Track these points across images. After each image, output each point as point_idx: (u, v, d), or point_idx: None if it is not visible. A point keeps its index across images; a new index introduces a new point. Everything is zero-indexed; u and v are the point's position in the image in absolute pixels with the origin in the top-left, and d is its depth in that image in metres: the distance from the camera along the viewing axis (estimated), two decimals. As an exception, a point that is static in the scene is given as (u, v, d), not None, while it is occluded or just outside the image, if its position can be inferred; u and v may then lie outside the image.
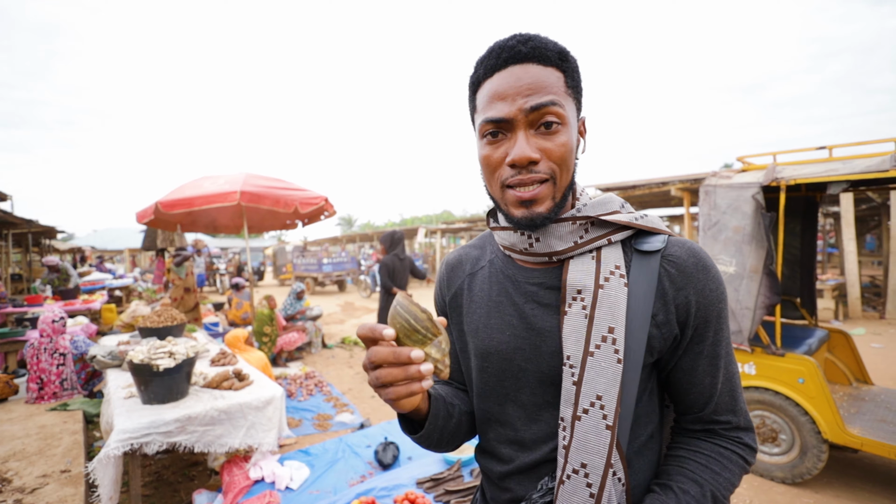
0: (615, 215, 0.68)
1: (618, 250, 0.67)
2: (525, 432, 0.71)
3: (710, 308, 0.65)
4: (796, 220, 3.54)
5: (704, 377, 0.68)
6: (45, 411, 3.35)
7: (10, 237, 10.43)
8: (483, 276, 0.78)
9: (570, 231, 0.67)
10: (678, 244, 0.67)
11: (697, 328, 0.66)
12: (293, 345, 5.90)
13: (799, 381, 2.74)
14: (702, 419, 0.71)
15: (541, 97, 0.60)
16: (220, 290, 17.01)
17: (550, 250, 0.68)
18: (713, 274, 0.66)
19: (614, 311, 0.63)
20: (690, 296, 0.65)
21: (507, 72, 0.62)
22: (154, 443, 2.20)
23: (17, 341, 4.95)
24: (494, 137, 0.64)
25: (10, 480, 2.35)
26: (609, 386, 0.61)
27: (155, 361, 2.39)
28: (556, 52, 0.63)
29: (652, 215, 0.70)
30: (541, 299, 0.69)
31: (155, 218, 5.15)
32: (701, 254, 0.67)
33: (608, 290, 0.64)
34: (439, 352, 0.56)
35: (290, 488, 2.46)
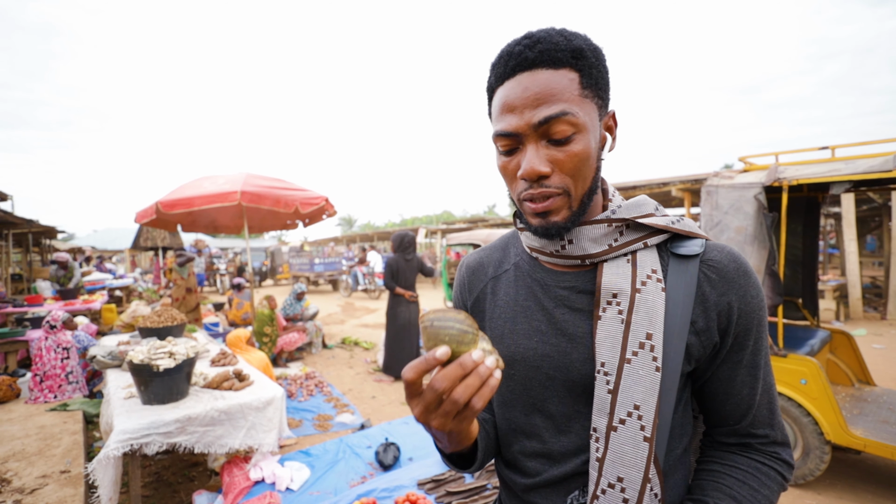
0: (650, 218, 0.65)
1: (654, 254, 0.64)
2: (553, 444, 0.67)
3: (751, 315, 0.63)
4: (798, 220, 3.53)
5: (743, 388, 0.64)
6: (45, 411, 3.34)
7: (11, 237, 10.43)
8: (508, 279, 0.75)
9: (605, 234, 0.65)
10: (717, 248, 0.64)
11: (738, 336, 0.63)
12: (293, 345, 5.89)
13: (801, 381, 2.73)
14: (737, 432, 0.67)
15: (549, 108, 0.57)
16: (221, 290, 17.02)
17: (584, 253, 0.65)
18: (754, 280, 0.64)
19: (652, 316, 0.60)
20: (733, 302, 0.62)
21: (515, 80, 0.59)
22: (154, 443, 2.20)
23: (17, 341, 4.94)
24: (508, 149, 0.62)
25: (10, 481, 2.34)
26: (647, 395, 0.58)
27: (155, 362, 2.38)
28: (568, 51, 0.58)
29: (687, 219, 0.68)
30: (572, 304, 0.67)
31: (155, 218, 5.15)
32: (741, 259, 0.64)
33: (645, 294, 0.61)
34: (488, 342, 0.53)
35: (291, 489, 2.45)
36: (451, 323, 0.51)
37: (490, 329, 0.74)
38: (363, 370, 5.63)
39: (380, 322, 8.91)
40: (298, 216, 6.03)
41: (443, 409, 0.48)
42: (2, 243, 10.46)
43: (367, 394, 4.70)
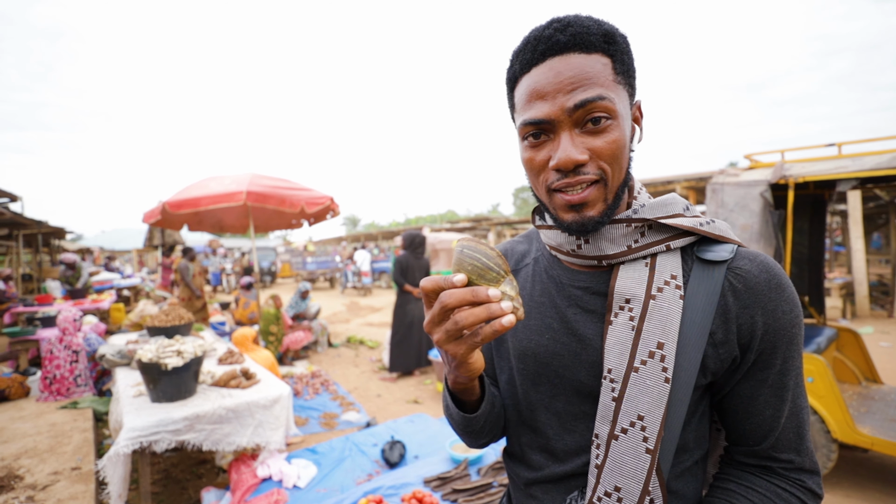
0: (677, 219, 0.61)
1: (676, 258, 0.60)
2: (557, 442, 0.67)
3: (780, 333, 0.58)
4: (804, 218, 3.51)
5: (766, 408, 0.60)
6: (56, 409, 3.39)
7: (21, 238, 10.55)
8: (526, 273, 0.75)
9: (624, 234, 0.61)
10: (749, 256, 0.60)
11: (763, 353, 0.58)
12: (299, 344, 5.93)
13: (808, 380, 2.72)
14: (758, 454, 0.62)
15: (585, 92, 0.54)
16: (227, 289, 17.12)
17: (600, 253, 0.62)
18: (788, 294, 0.58)
19: (666, 325, 0.57)
20: (757, 316, 0.57)
21: (546, 66, 0.56)
22: (163, 441, 2.23)
23: (28, 340, 5.01)
24: (536, 139, 0.58)
25: (23, 477, 2.38)
26: (653, 406, 0.55)
27: (163, 360, 2.41)
28: (600, 34, 0.56)
29: (720, 222, 0.62)
30: (585, 304, 0.65)
31: (162, 218, 5.19)
32: (775, 270, 0.59)
33: (661, 301, 0.58)
34: (513, 289, 0.51)
35: (298, 486, 2.47)
36: (478, 255, 0.51)
37: None
38: (368, 369, 5.65)
39: (384, 321, 8.94)
40: (304, 216, 6.06)
41: (445, 325, 0.49)
42: (12, 244, 10.58)
43: (373, 392, 4.72)
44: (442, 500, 2.19)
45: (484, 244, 0.52)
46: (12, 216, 7.83)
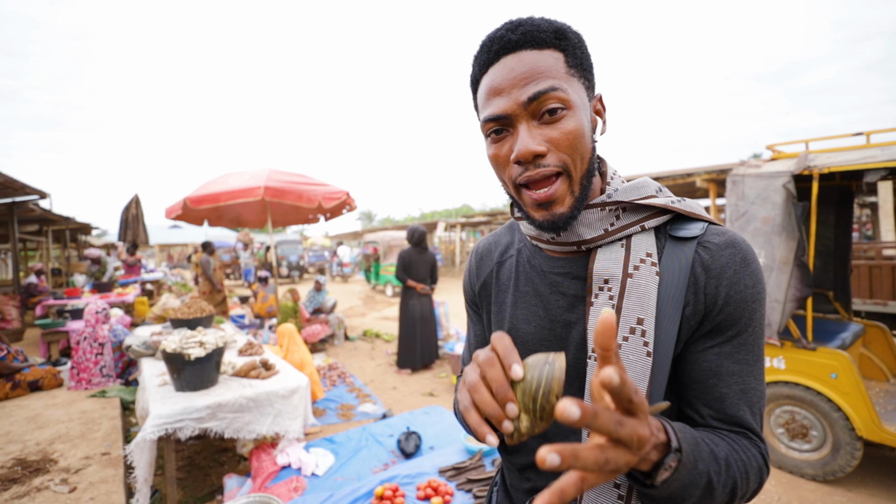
0: (651, 199, 0.63)
1: (650, 237, 0.62)
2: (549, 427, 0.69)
3: (741, 305, 0.58)
4: (830, 210, 3.41)
5: (710, 377, 0.59)
6: (86, 398, 3.52)
7: (50, 234, 10.94)
8: (510, 264, 0.76)
9: (601, 218, 0.63)
10: (718, 232, 0.61)
11: (721, 323, 0.59)
12: (316, 337, 6.03)
13: (832, 376, 2.66)
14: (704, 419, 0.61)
15: (538, 84, 0.56)
16: (245, 283, 17.45)
17: (579, 238, 0.64)
18: (752, 269, 0.59)
19: (644, 301, 0.58)
20: (721, 287, 0.58)
21: (501, 64, 0.59)
22: (187, 428, 2.30)
23: (58, 332, 5.21)
24: (498, 135, 0.60)
25: (57, 461, 2.49)
26: (638, 379, 0.57)
27: (187, 351, 2.48)
28: (550, 31, 0.58)
29: (690, 201, 0.64)
30: (566, 290, 0.67)
31: (182, 213, 5.32)
32: (742, 245, 0.60)
33: (638, 279, 0.59)
34: (527, 429, 0.47)
35: (316, 474, 2.53)
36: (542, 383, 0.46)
37: (494, 313, 0.76)
38: (384, 362, 5.72)
39: (400, 315, 9.02)
40: (321, 210, 6.14)
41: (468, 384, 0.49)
42: (42, 240, 10.98)
43: (389, 384, 4.78)
44: (457, 489, 2.22)
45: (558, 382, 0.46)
46: (42, 213, 8.12)
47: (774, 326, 2.79)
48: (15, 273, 7.87)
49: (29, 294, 7.76)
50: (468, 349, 0.86)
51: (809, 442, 2.82)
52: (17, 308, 6.80)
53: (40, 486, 2.24)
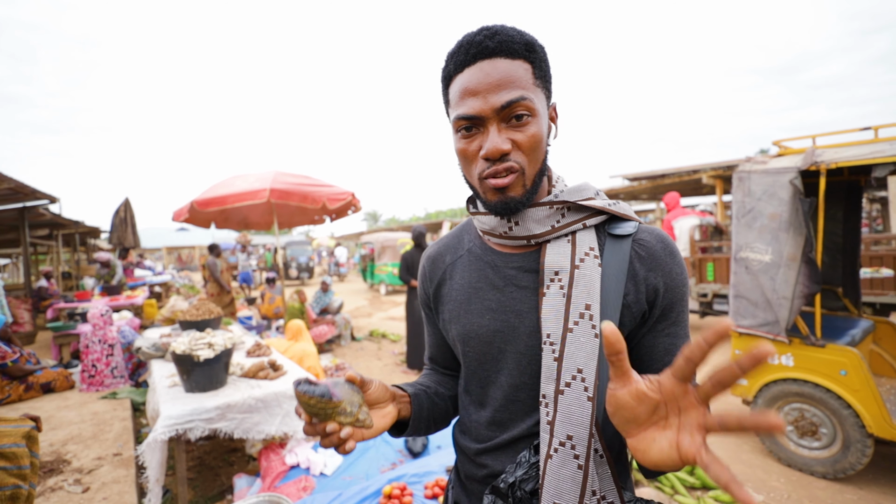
0: (590, 201, 0.71)
1: (592, 234, 0.71)
2: (503, 413, 0.74)
3: (675, 291, 0.70)
4: (838, 205, 3.38)
5: (665, 354, 0.71)
6: (97, 399, 3.57)
7: (60, 238, 11.07)
8: (463, 263, 0.81)
9: (548, 215, 0.71)
10: (648, 231, 0.71)
11: (664, 309, 0.70)
12: (323, 337, 6.06)
13: (841, 373, 2.64)
14: None
15: (510, 93, 0.62)
16: (252, 285, 17.55)
17: (529, 234, 0.71)
18: (679, 259, 0.71)
19: (590, 289, 0.66)
20: (659, 278, 0.69)
21: (476, 67, 0.64)
22: (197, 428, 2.32)
23: (69, 334, 5.28)
24: (468, 132, 0.66)
25: (70, 462, 2.53)
26: (588, 359, 0.64)
27: (196, 352, 2.51)
28: (522, 44, 0.64)
29: (623, 203, 0.74)
30: (519, 282, 0.73)
31: (190, 216, 5.37)
32: (668, 240, 0.72)
33: (584, 270, 0.67)
34: (347, 416, 0.64)
35: (325, 474, 2.54)
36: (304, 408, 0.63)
37: (448, 311, 0.81)
38: (391, 362, 5.74)
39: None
40: (326, 211, 6.17)
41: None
42: (52, 243, 11.12)
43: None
44: (464, 489, 2.23)
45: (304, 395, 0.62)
46: (52, 217, 8.23)
47: (782, 323, 2.77)
48: (26, 277, 7.98)
49: (40, 297, 7.87)
50: (428, 348, 0.94)
51: (819, 439, 2.79)
52: (29, 311, 6.90)
53: (54, 486, 2.28)
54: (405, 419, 0.79)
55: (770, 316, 2.83)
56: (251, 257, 19.49)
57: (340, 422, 0.63)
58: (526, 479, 0.67)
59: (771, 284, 2.80)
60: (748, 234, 2.92)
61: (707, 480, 2.72)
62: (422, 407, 0.81)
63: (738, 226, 2.99)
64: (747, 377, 3.02)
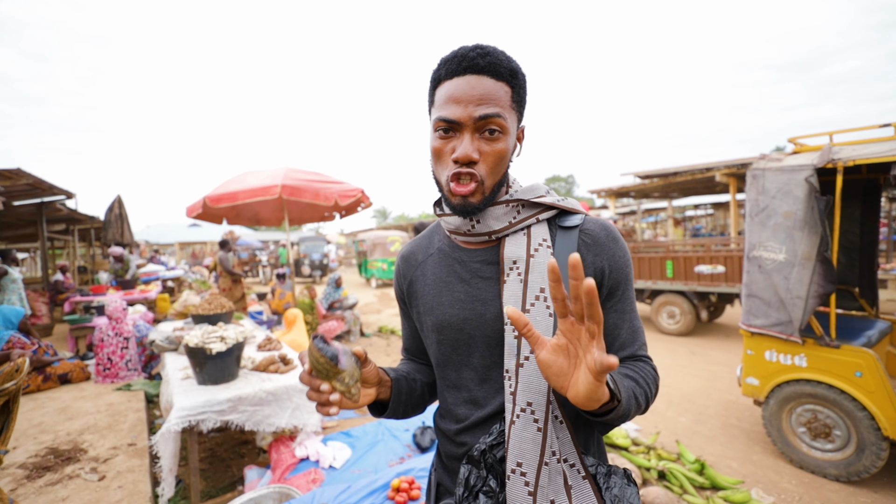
0: (542, 198, 0.80)
1: (544, 227, 0.80)
2: (477, 392, 0.81)
3: (619, 272, 0.78)
4: (855, 204, 3.32)
5: (615, 328, 0.79)
6: (112, 391, 3.64)
7: (76, 233, 11.28)
8: (433, 261, 0.88)
9: (505, 213, 0.79)
10: (593, 221, 0.80)
11: (611, 288, 0.78)
12: (333, 333, 6.10)
13: (856, 374, 2.59)
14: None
15: (489, 108, 0.70)
16: (263, 280, 17.74)
17: (489, 230, 0.79)
18: (621, 244, 0.80)
19: (544, 275, 0.73)
20: (604, 261, 0.77)
21: (464, 79, 0.71)
22: (209, 420, 2.36)
23: (85, 327, 5.39)
24: (446, 133, 0.73)
25: (87, 451, 2.58)
26: (544, 334, 0.71)
27: (208, 345, 2.55)
28: (508, 69, 0.72)
29: (571, 199, 0.84)
30: (483, 274, 0.81)
31: (203, 212, 5.44)
32: (611, 227, 0.80)
33: (538, 258, 0.76)
34: (343, 385, 0.68)
35: (334, 467, 2.57)
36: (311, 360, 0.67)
37: (423, 304, 0.88)
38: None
39: (414, 312, 9.07)
40: (336, 208, 6.21)
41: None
42: (69, 238, 11.33)
43: (404, 380, 4.82)
44: (472, 484, 2.24)
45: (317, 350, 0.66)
46: (68, 212, 8.39)
47: (795, 323, 2.73)
48: (44, 271, 8.16)
49: (57, 291, 8.03)
50: (404, 340, 1.03)
51: (832, 442, 2.75)
52: (47, 304, 7.05)
53: (72, 474, 2.34)
54: (385, 401, 0.85)
55: (783, 316, 2.79)
56: (263, 252, 19.66)
57: (334, 387, 0.67)
58: (496, 446, 0.75)
59: (785, 284, 2.75)
60: (762, 232, 2.88)
61: (716, 480, 2.69)
62: (401, 391, 0.87)
63: (751, 224, 2.95)
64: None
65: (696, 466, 2.84)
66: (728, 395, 4.12)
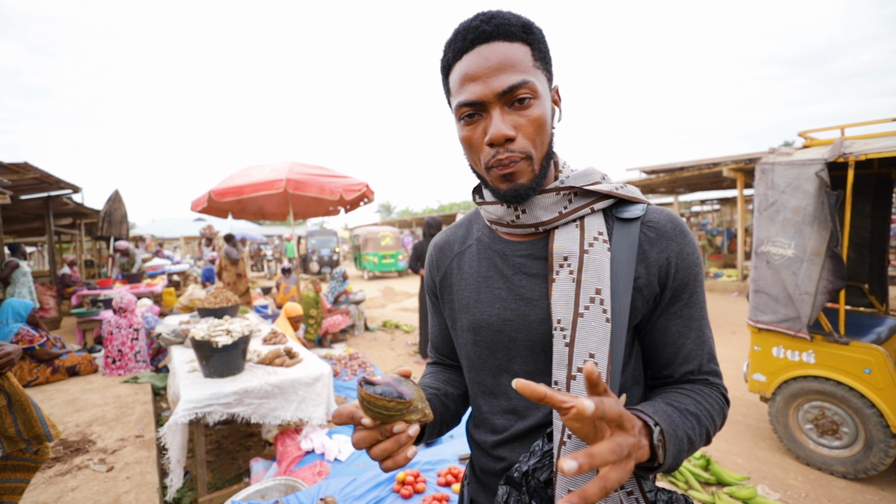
0: (597, 185, 0.70)
1: (600, 218, 0.70)
2: (518, 401, 0.72)
3: (687, 270, 0.68)
4: (866, 199, 3.28)
5: (678, 337, 0.70)
6: (120, 383, 3.68)
7: (83, 226, 11.35)
8: (471, 253, 0.80)
9: (555, 202, 0.69)
10: (657, 211, 0.70)
11: (676, 290, 0.68)
12: (337, 327, 6.13)
13: (865, 371, 2.57)
14: (677, 376, 0.71)
15: (510, 75, 0.61)
16: (268, 275, 17.82)
17: (536, 221, 0.70)
18: (690, 239, 0.69)
19: (600, 273, 0.65)
20: (671, 257, 0.68)
21: (475, 52, 0.63)
22: (215, 413, 2.38)
23: (93, 320, 5.43)
24: (471, 119, 0.65)
25: (95, 442, 2.61)
26: (600, 344, 0.62)
27: (214, 338, 2.56)
28: (519, 26, 0.63)
29: (631, 186, 0.73)
30: (528, 270, 0.72)
31: (208, 206, 5.45)
32: (678, 219, 0.70)
33: (593, 254, 0.66)
34: (418, 413, 0.59)
35: (339, 460, 2.58)
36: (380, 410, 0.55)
37: (457, 301, 0.79)
38: (404, 352, 5.78)
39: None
40: (341, 203, 6.20)
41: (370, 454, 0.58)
42: (76, 232, 11.41)
43: (408, 375, 4.83)
44: (477, 478, 2.24)
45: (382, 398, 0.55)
46: (75, 206, 8.44)
47: (804, 319, 2.70)
48: (51, 264, 8.23)
49: (64, 284, 8.10)
50: (432, 339, 0.93)
51: (840, 438, 2.74)
52: (55, 297, 7.12)
53: (81, 465, 2.36)
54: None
55: (791, 312, 2.77)
56: (268, 246, 19.70)
57: (409, 420, 0.57)
58: (540, 468, 0.65)
59: (793, 279, 2.73)
60: (770, 227, 2.85)
61: (722, 476, 2.68)
62: (434, 413, 0.78)
63: (759, 219, 2.92)
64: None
65: (701, 462, 2.83)
66: (734, 391, 4.10)
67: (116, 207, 8.75)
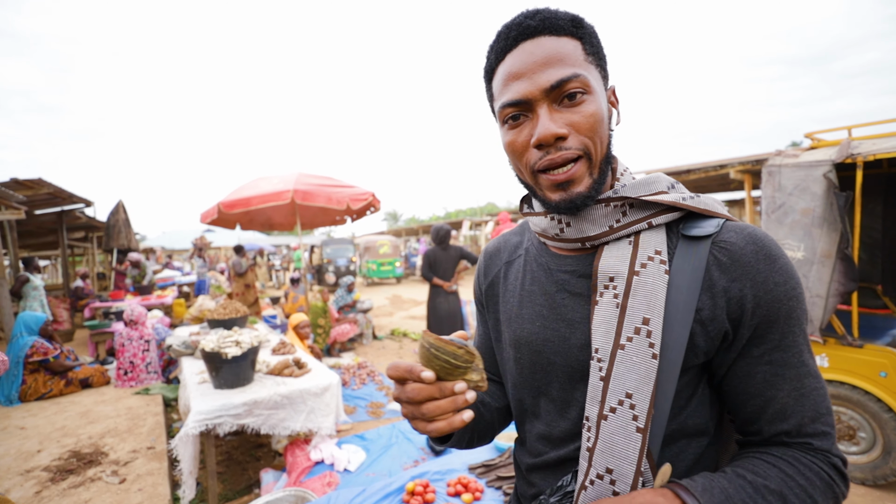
0: (659, 195, 0.60)
1: (661, 234, 0.59)
2: (555, 428, 0.66)
3: (774, 306, 0.55)
4: (877, 200, 3.24)
5: (766, 388, 0.56)
6: (131, 395, 3.71)
7: (95, 240, 11.54)
8: (519, 264, 0.75)
9: (606, 214, 0.61)
10: (736, 229, 0.57)
11: (758, 328, 0.56)
12: (346, 336, 6.14)
13: (881, 374, 2.52)
14: (767, 437, 0.58)
15: (559, 70, 0.55)
16: (277, 285, 17.94)
17: (582, 235, 0.62)
18: (781, 265, 0.55)
19: (651, 300, 0.55)
20: (746, 289, 0.55)
21: (520, 49, 0.57)
22: (226, 424, 2.40)
23: (105, 332, 5.50)
24: (516, 121, 0.59)
25: (107, 454, 2.64)
26: (641, 383, 0.54)
27: (224, 350, 2.58)
28: (567, 20, 0.57)
29: (708, 197, 0.60)
30: (572, 288, 0.64)
31: (217, 218, 5.52)
32: (765, 241, 0.57)
33: (644, 277, 0.56)
34: (479, 373, 0.55)
35: (349, 470, 2.58)
36: (447, 357, 0.53)
37: (502, 312, 0.75)
38: (412, 360, 5.77)
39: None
40: (348, 212, 6.25)
41: (412, 411, 0.54)
42: (88, 245, 11.59)
43: (417, 383, 4.82)
44: (487, 486, 2.23)
45: (452, 343, 0.53)
46: (87, 220, 8.59)
47: (817, 323, 2.67)
48: (65, 277, 8.36)
49: (77, 297, 8.22)
50: (478, 349, 0.86)
51: (857, 444, 2.68)
52: (68, 310, 7.22)
53: (93, 476, 2.39)
54: None
55: (803, 315, 2.73)
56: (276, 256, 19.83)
57: (469, 379, 0.53)
58: None
59: (804, 282, 2.70)
60: (778, 230, 2.82)
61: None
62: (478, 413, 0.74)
63: (767, 222, 2.89)
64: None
65: None
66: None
67: (115, 221, 8.85)
